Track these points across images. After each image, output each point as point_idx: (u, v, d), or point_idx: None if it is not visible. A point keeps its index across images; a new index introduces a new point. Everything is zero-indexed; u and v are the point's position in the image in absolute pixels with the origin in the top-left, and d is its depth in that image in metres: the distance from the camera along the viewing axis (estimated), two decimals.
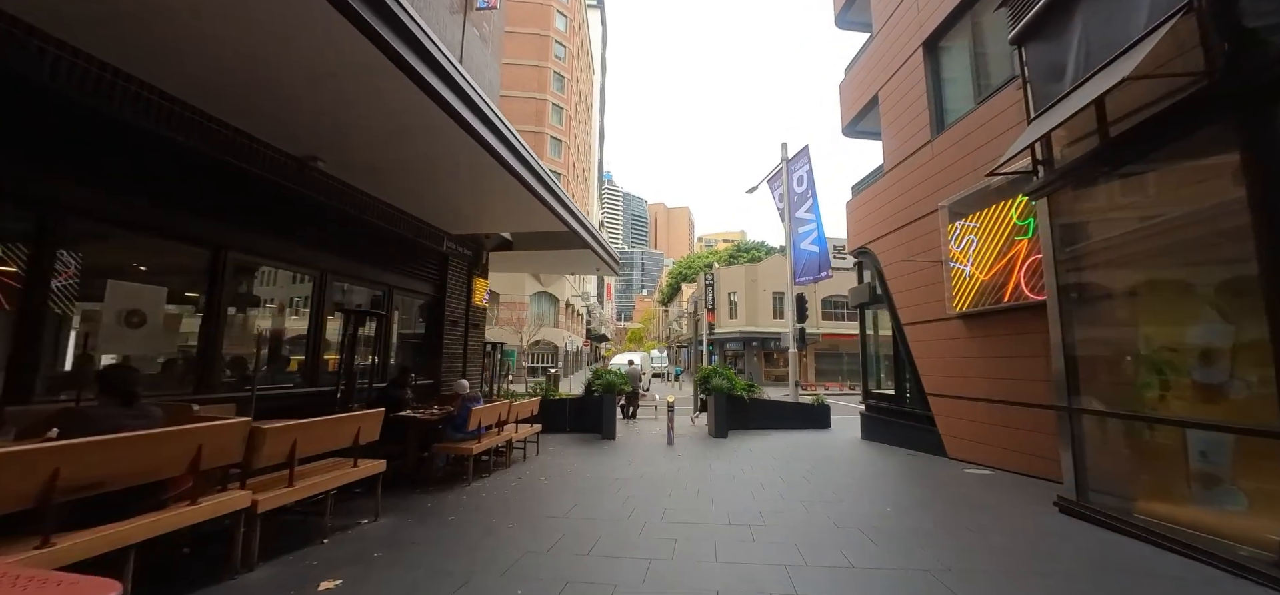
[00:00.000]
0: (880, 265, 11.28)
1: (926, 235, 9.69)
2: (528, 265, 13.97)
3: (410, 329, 10.05)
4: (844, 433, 13.02)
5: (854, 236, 12.61)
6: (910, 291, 10.20)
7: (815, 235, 16.16)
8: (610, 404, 11.77)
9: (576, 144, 45.90)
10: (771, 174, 18.72)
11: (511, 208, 8.83)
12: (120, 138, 4.60)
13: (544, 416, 12.62)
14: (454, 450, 6.71)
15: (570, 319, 45.12)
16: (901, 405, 10.61)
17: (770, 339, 37.34)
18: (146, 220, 5.01)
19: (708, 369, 13.14)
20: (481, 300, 11.56)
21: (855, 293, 12.50)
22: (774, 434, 12.63)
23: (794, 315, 16.44)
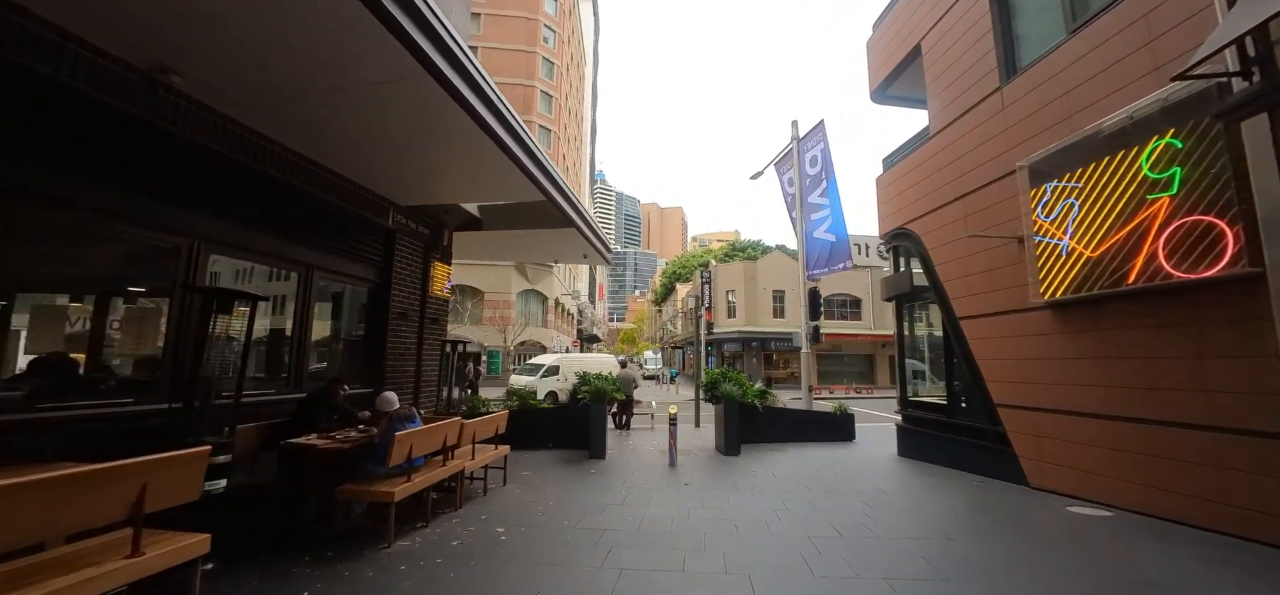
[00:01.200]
0: (925, 249, 9.33)
1: (995, 206, 7.74)
2: (502, 249, 11.88)
3: (343, 323, 7.95)
4: (874, 447, 11.06)
5: (888, 217, 10.65)
6: (969, 278, 8.24)
7: (831, 222, 14.23)
8: (599, 416, 9.72)
9: (567, 136, 43.81)
10: (779, 156, 16.78)
11: (477, 170, 6.84)
12: None
13: (522, 431, 10.60)
14: (366, 495, 4.63)
15: (560, 319, 42.98)
16: (955, 418, 8.65)
17: (770, 340, 35.46)
18: None
19: (715, 373, 11.13)
20: (442, 290, 9.48)
21: (890, 283, 10.54)
22: (792, 449, 10.65)
23: (805, 312, 14.46)
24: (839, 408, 12.48)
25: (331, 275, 7.17)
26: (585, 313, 56.15)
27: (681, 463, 9.04)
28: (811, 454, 10.15)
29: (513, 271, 33.52)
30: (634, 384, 13.23)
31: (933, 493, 6.94)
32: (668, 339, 59.76)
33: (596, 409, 9.73)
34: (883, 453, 10.37)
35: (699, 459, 9.50)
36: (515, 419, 10.89)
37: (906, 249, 10.20)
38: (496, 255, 13.15)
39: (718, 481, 7.63)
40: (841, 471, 8.41)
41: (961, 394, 8.63)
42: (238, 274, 5.93)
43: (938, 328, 10.72)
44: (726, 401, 10.11)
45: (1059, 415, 6.72)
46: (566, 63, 42.19)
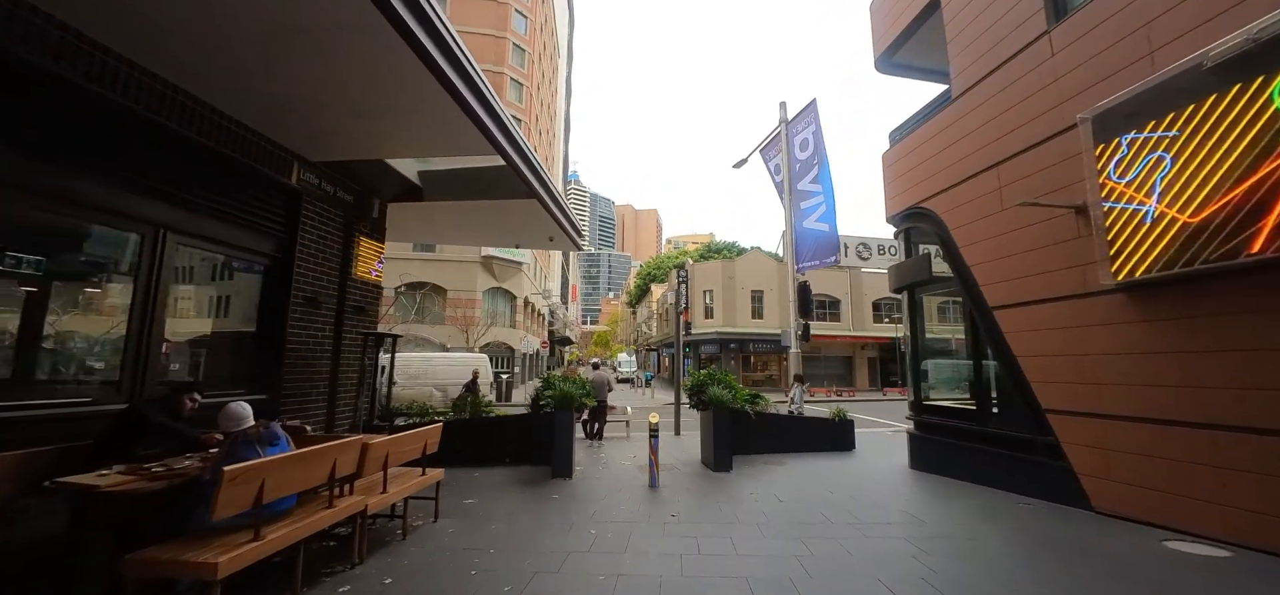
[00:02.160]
0: (946, 229, 8.02)
1: (1042, 173, 6.45)
2: (452, 228, 10.08)
3: (230, 309, 6.09)
4: (879, 458, 9.73)
5: (898, 196, 9.33)
6: (1006, 261, 6.94)
7: (823, 210, 12.97)
8: (565, 426, 8.08)
9: (539, 128, 41.89)
10: (766, 140, 15.45)
11: (413, 114, 5.22)
12: None
13: (473, 444, 8.89)
14: (173, 567, 2.89)
15: (531, 320, 40.98)
16: (986, 425, 7.32)
17: (749, 341, 34.33)
18: None
19: (701, 375, 9.62)
20: (370, 273, 7.68)
21: (902, 271, 9.21)
22: (790, 461, 9.21)
23: (795, 308, 13.09)
24: (837, 413, 11.13)
25: (199, 243, 5.34)
26: (557, 314, 54.09)
27: (665, 482, 7.47)
28: (813, 468, 8.72)
29: (479, 269, 31.45)
30: (607, 388, 11.61)
31: (985, 524, 5.54)
32: (642, 341, 58.24)
33: (561, 417, 8.08)
34: (892, 465, 9.02)
35: (685, 477, 7.94)
36: (462, 431, 9.17)
37: (921, 231, 8.90)
38: (446, 236, 11.29)
39: (713, 510, 6.07)
40: (857, 492, 6.98)
41: (994, 397, 7.32)
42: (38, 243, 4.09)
43: (951, 320, 9.47)
44: (716, 408, 8.59)
45: (1135, 423, 5.42)
46: (538, 51, 40.31)
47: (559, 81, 54.90)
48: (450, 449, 8.99)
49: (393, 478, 4.84)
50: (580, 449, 10.31)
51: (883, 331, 35.35)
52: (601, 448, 10.66)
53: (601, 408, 11.51)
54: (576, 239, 10.29)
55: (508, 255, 32.45)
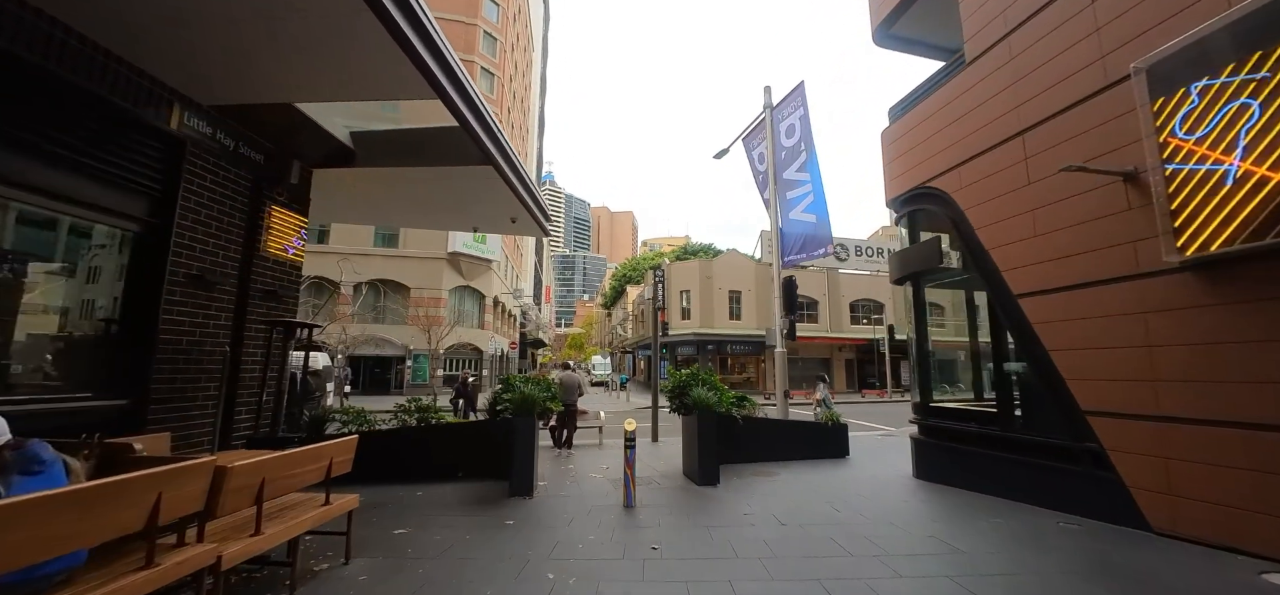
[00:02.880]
0: (959, 209, 7.13)
1: (1082, 137, 5.58)
2: (394, 205, 8.66)
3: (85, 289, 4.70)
4: (878, 466, 8.82)
5: (900, 177, 8.45)
6: (1035, 241, 6.06)
7: (811, 200, 12.06)
8: (526, 435, 6.86)
9: (511, 121, 40.32)
10: (749, 129, 14.52)
11: (335, 45, 3.99)
12: None
13: (419, 456, 7.64)
14: None
15: (501, 321, 39.31)
16: (1009, 430, 6.42)
17: (727, 342, 33.51)
18: None
19: (682, 375, 8.53)
20: (286, 250, 6.32)
21: (906, 259, 8.31)
22: (782, 473, 8.21)
23: (780, 304, 12.15)
24: (829, 417, 10.19)
25: (33, 197, 3.96)
26: (530, 315, 52.39)
27: (643, 501, 6.33)
28: (809, 480, 7.72)
29: (445, 266, 29.76)
30: (577, 391, 10.41)
31: (1034, 552, 4.57)
32: (618, 343, 57.04)
33: (521, 425, 6.86)
34: (894, 474, 8.10)
35: (666, 493, 6.82)
36: (407, 443, 7.88)
37: (928, 214, 8.01)
38: (388, 214, 9.80)
39: (702, 540, 4.96)
40: (867, 510, 5.97)
41: (1020, 397, 6.43)
42: None
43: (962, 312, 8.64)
44: (701, 412, 7.50)
45: (1205, 427, 4.55)
46: (511, 41, 38.82)
47: (533, 76, 53.36)
48: (393, 463, 7.71)
49: (279, 511, 3.57)
50: (546, 460, 9.09)
51: (860, 333, 35.03)
52: (570, 458, 9.46)
53: (571, 413, 10.31)
54: (542, 221, 9.09)
55: (476, 251, 30.88)
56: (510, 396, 7.14)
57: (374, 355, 29.00)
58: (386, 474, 7.59)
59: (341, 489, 4.38)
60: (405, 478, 7.56)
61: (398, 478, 7.54)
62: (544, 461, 8.89)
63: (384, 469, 7.63)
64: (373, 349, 28.92)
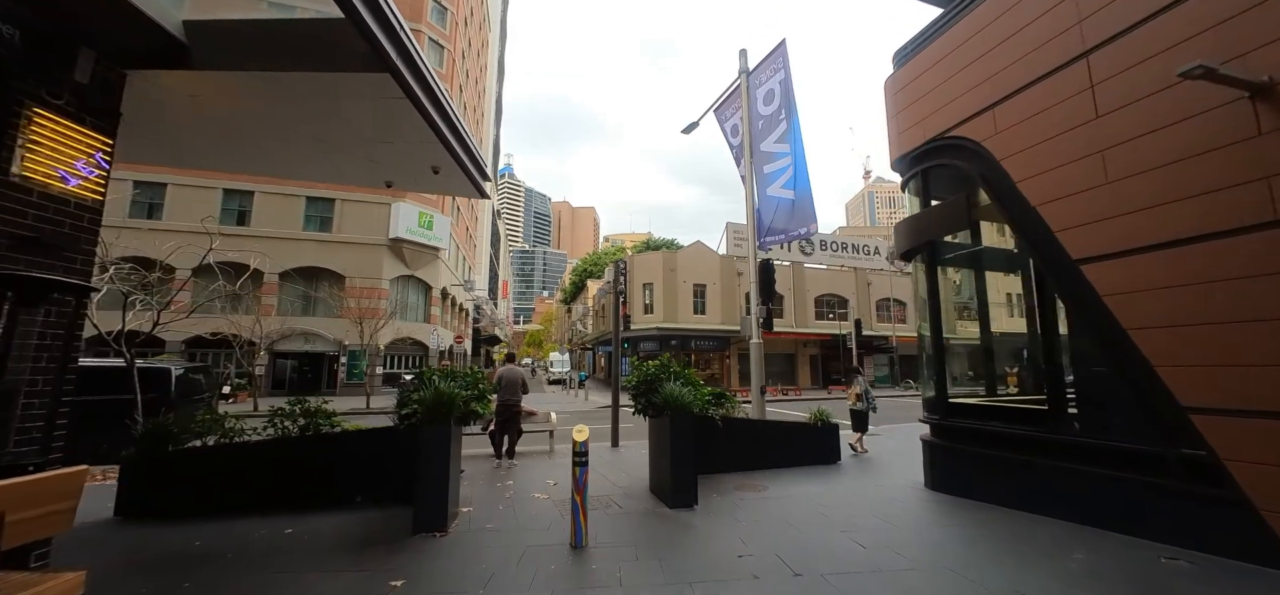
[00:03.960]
0: (994, 159, 5.77)
1: (1176, 51, 4.24)
2: (257, 134, 6.34)
3: None
4: (878, 475, 7.46)
5: (911, 129, 7.06)
6: (1102, 190, 4.73)
7: (791, 174, 10.69)
8: (438, 447, 5.03)
9: (464, 101, 37.58)
10: (722, 98, 13.02)
11: None
12: None
13: (303, 480, 5.72)
14: None
15: (452, 315, 36.60)
16: (1063, 432, 5.08)
17: (691, 338, 32.17)
18: None
19: (651, 367, 6.88)
20: (65, 178, 4.23)
21: (915, 226, 6.93)
22: (771, 485, 6.70)
23: (756, 290, 10.71)
24: (818, 416, 8.78)
25: None
26: (484, 310, 49.57)
27: (597, 538, 4.63)
28: (808, 495, 6.21)
29: (386, 253, 27.00)
30: (521, 388, 8.57)
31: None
32: (578, 340, 54.97)
33: (432, 436, 5.02)
34: (902, 484, 6.72)
35: (628, 522, 5.14)
36: (287, 456, 5.91)
37: (949, 171, 6.63)
38: (259, 156, 7.33)
39: None
40: (904, 546, 4.48)
41: (1081, 390, 5.08)
42: None
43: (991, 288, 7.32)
44: (675, 414, 5.84)
45: None
46: (464, 15, 36.09)
47: (490, 58, 50.46)
48: (263, 487, 5.74)
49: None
50: (479, 475, 7.24)
51: (825, 328, 34.45)
52: (511, 471, 7.63)
53: (513, 415, 8.47)
54: (475, 174, 7.17)
55: (421, 238, 28.29)
56: (419, 396, 5.26)
57: (303, 352, 26.02)
58: (254, 502, 5.61)
59: (184, 523, 2.47)
60: (280, 506, 5.60)
61: (269, 506, 5.58)
62: (476, 478, 7.05)
63: (250, 495, 5.64)
64: (301, 344, 25.95)
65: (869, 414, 9.66)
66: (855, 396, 9.77)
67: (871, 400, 9.67)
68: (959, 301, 7.67)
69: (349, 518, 5.41)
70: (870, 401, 9.63)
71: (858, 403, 9.65)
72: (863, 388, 9.67)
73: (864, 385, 9.72)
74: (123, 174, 24.44)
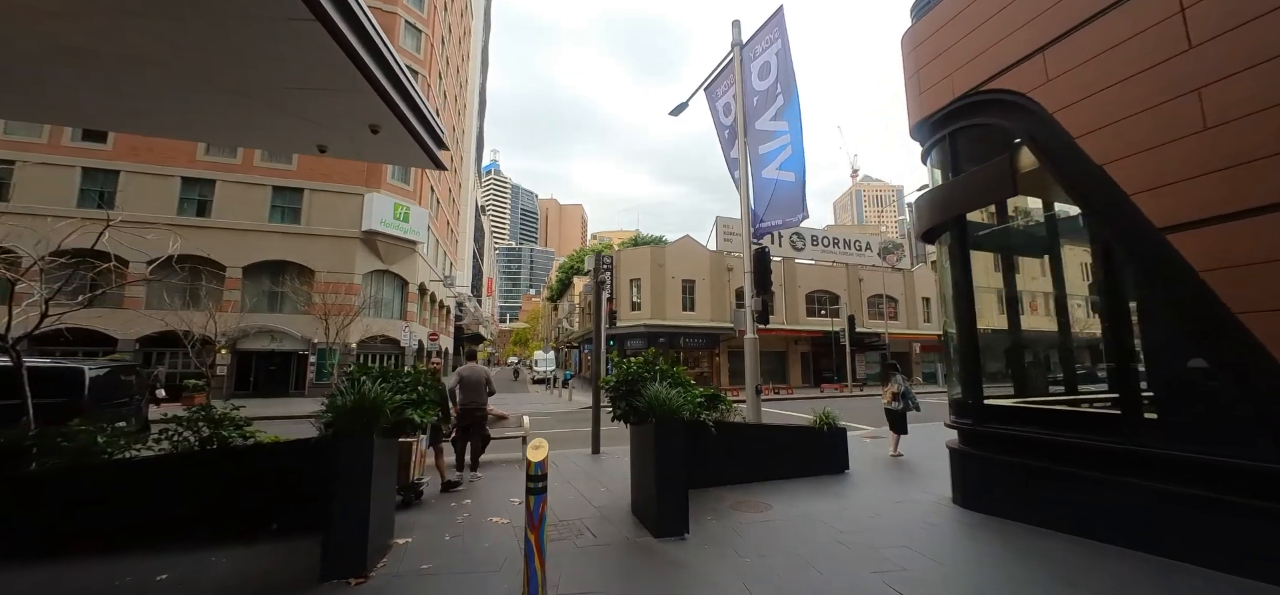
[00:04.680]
0: (1047, 113, 4.79)
1: None
2: (137, 73, 5.20)
3: None
4: (894, 487, 6.49)
5: (934, 89, 6.08)
6: (1204, 137, 3.75)
7: (790, 154, 9.74)
8: (357, 466, 3.91)
9: (445, 91, 36.13)
10: (713, 75, 11.99)
11: None
12: None
13: (200, 504, 4.58)
14: None
15: (432, 312, 35.15)
16: (1144, 442, 4.10)
17: (680, 335, 31.14)
18: None
19: (632, 364, 5.83)
20: None
21: (943, 198, 5.94)
22: (777, 502, 5.67)
23: (751, 282, 9.68)
24: (823, 418, 7.77)
25: None
26: (466, 307, 48.07)
27: (559, 586, 3.55)
28: (823, 517, 5.19)
29: (359, 246, 25.55)
30: (483, 390, 7.40)
31: None
32: (564, 338, 53.73)
33: (352, 451, 3.91)
34: (930, 501, 5.74)
35: (601, 561, 4.07)
36: (184, 475, 4.76)
37: (983, 133, 5.64)
38: (140, 108, 6.08)
39: None
40: (945, 585, 3.47)
41: (1169, 393, 4.10)
42: None
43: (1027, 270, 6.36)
44: (660, 421, 4.78)
45: None
46: (443, 0, 34.65)
47: (473, 47, 48.90)
48: (157, 513, 4.59)
49: None
50: (436, 491, 6.09)
51: (816, 325, 33.66)
52: (471, 488, 6.50)
53: (476, 419, 7.33)
54: (423, 135, 6.01)
55: (396, 230, 26.91)
56: (341, 404, 4.12)
57: (269, 350, 24.53)
58: (136, 535, 4.44)
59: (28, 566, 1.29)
60: (170, 539, 4.46)
61: (154, 540, 4.43)
62: (429, 497, 5.90)
63: (131, 527, 4.47)
64: (268, 343, 24.45)
65: (907, 415, 8.70)
66: (892, 395, 8.80)
67: (912, 399, 8.70)
68: (989, 287, 6.69)
69: (252, 553, 4.28)
70: (910, 400, 8.66)
71: (895, 402, 8.68)
72: (901, 385, 8.69)
73: (903, 383, 8.74)
74: (70, 159, 22.75)
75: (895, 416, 8.66)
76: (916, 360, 37.07)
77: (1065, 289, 6.00)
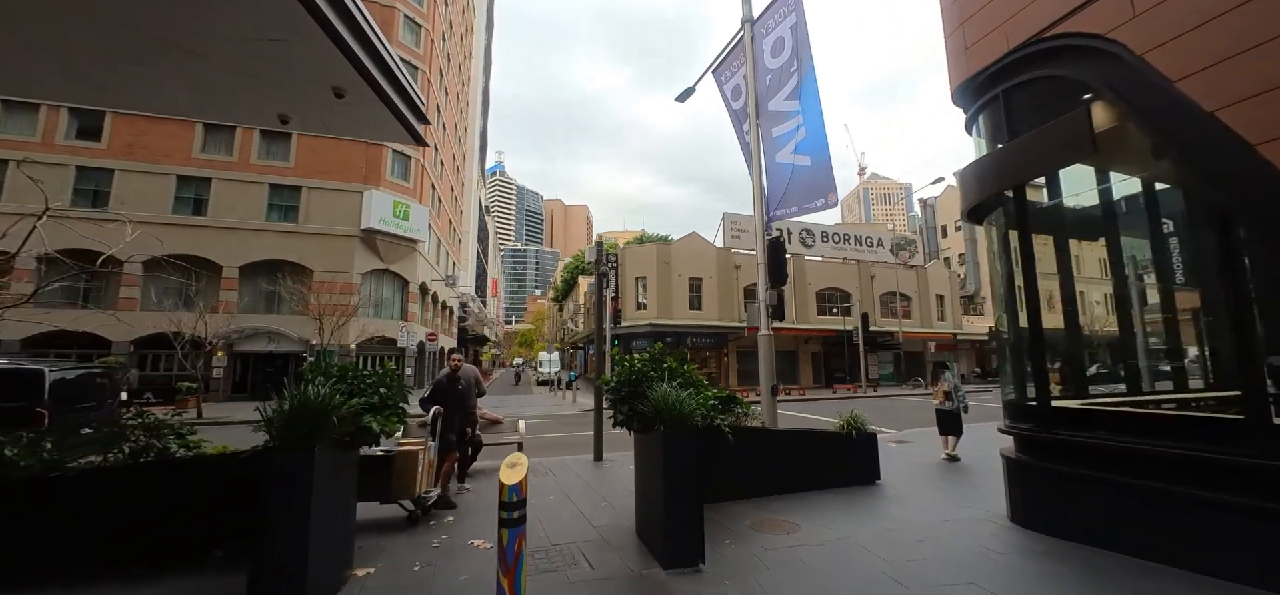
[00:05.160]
0: (1136, 57, 3.96)
1: None
2: (47, 17, 4.52)
3: None
4: (940, 501, 5.68)
5: (981, 45, 5.27)
6: None
7: (805, 135, 8.99)
8: (294, 486, 3.15)
9: (445, 87, 35.53)
10: (723, 55, 11.21)
11: None
12: None
13: (126, 527, 3.83)
14: None
15: (434, 313, 34.54)
16: (1269, 455, 3.25)
17: (687, 334, 30.31)
18: None
19: (636, 363, 5.06)
20: None
21: (999, 165, 5.12)
22: (805, 520, 4.88)
23: (764, 274, 8.86)
24: (850, 422, 6.94)
25: None
26: (470, 308, 47.47)
27: None
28: (855, 539, 4.40)
29: (358, 245, 24.94)
30: (473, 392, 6.61)
31: None
32: (569, 338, 53.05)
33: (284, 472, 3.16)
34: (977, 516, 4.94)
35: None
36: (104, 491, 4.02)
37: (1047, 88, 4.82)
38: (54, 58, 5.46)
39: None
40: None
41: None
42: None
43: None
44: (669, 426, 4.00)
45: None
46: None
47: (475, 44, 48.34)
48: (77, 539, 3.86)
49: None
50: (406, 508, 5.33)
51: (827, 324, 32.73)
52: (460, 497, 5.74)
53: (462, 424, 6.55)
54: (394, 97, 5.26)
55: (396, 228, 26.30)
56: (276, 410, 3.37)
57: (267, 352, 23.97)
58: (40, 565, 3.72)
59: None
60: (86, 571, 3.73)
61: (66, 572, 3.70)
62: (399, 516, 5.15)
63: (52, 554, 3.75)
64: (266, 344, 23.89)
65: (961, 415, 7.96)
66: (942, 395, 8.05)
67: (963, 398, 7.95)
68: (1043, 272, 5.86)
69: (180, 590, 3.54)
70: (961, 400, 7.91)
71: (946, 402, 7.93)
72: (952, 383, 7.94)
73: (953, 381, 7.98)
74: (62, 158, 22.27)
75: (948, 417, 7.97)
76: (930, 359, 36.02)
77: (1135, 271, 5.17)
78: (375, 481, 4.81)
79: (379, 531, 4.72)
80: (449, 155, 38.17)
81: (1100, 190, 5.18)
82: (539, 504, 5.67)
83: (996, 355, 5.76)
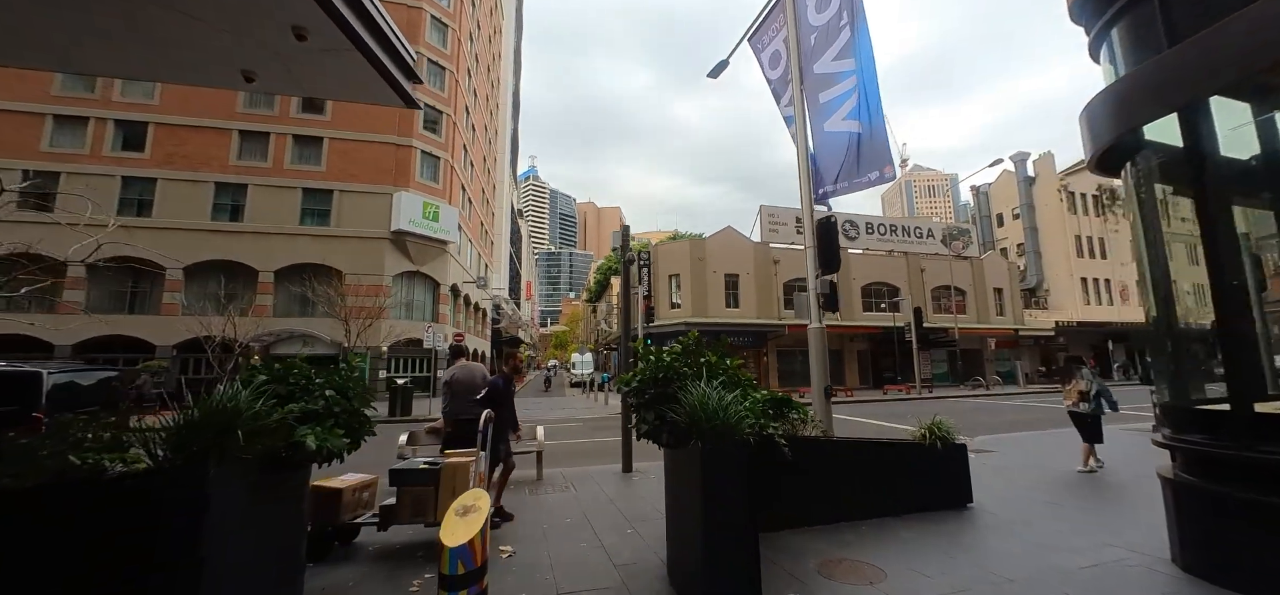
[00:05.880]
0: None
1: None
2: None
3: None
4: (1061, 530, 4.36)
5: None
6: None
7: (857, 100, 7.76)
8: (186, 518, 2.22)
9: (474, 88, 35.38)
10: (762, 17, 10.01)
11: None
12: None
13: (70, 570, 2.91)
14: None
15: (467, 315, 34.38)
16: None
17: (723, 332, 28.98)
18: None
19: (666, 357, 3.99)
20: None
21: (1157, 80, 3.74)
22: (888, 557, 3.68)
23: (813, 258, 7.61)
24: (933, 430, 5.64)
25: None
26: (504, 309, 47.37)
27: None
28: (973, 590, 3.18)
29: (388, 247, 24.81)
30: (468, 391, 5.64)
31: None
32: (602, 339, 52.36)
33: (174, 499, 2.22)
34: (1124, 557, 3.64)
35: None
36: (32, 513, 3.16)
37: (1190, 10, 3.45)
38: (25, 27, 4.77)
39: None
40: None
41: None
42: None
43: None
44: (708, 438, 2.91)
45: None
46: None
47: (504, 46, 48.32)
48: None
49: None
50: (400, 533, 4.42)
51: (874, 320, 30.70)
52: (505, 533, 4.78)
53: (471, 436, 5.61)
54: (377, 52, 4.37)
55: (426, 229, 26.07)
56: (185, 417, 2.47)
57: (303, 355, 24.06)
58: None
59: None
60: None
61: None
62: (394, 538, 4.24)
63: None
64: (300, 347, 24.01)
65: (1101, 418, 6.63)
66: (1077, 395, 6.73)
67: (1108, 397, 6.62)
68: (1181, 235, 4.43)
69: None
70: (1102, 400, 6.57)
71: (1083, 403, 6.59)
72: (1090, 382, 6.58)
73: (1091, 379, 6.62)
74: (108, 169, 22.97)
75: (1086, 421, 6.58)
76: (989, 358, 33.39)
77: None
78: (419, 500, 4.03)
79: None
80: (479, 157, 38.03)
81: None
82: (553, 528, 4.68)
83: (1151, 346, 4.41)
